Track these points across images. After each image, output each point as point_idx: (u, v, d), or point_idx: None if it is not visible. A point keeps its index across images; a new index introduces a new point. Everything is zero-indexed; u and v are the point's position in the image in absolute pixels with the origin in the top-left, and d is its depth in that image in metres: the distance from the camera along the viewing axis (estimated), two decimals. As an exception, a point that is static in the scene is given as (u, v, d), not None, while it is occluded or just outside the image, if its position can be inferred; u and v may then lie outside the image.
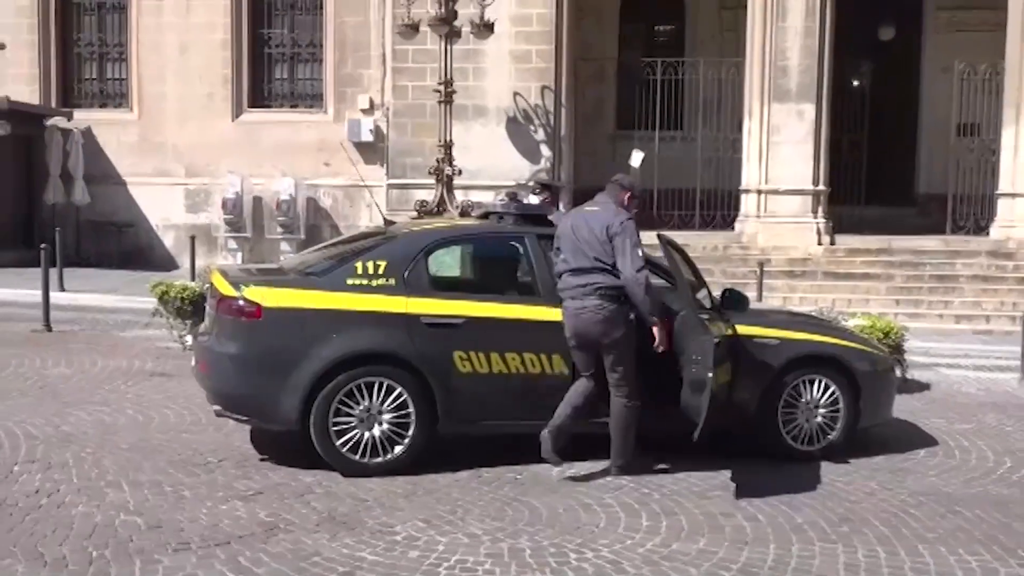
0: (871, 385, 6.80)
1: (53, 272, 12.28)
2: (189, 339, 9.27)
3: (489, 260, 7.00)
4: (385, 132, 16.63)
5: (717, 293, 6.69)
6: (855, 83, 19.02)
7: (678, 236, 15.28)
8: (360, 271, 6.09)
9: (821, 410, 6.66)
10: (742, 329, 6.43)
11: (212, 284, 6.43)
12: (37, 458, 6.07)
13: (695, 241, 15.56)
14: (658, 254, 6.29)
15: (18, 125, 16.59)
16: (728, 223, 15.95)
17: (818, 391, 6.64)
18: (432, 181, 14.52)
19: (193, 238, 15.81)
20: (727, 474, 6.21)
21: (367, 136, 16.96)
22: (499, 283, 6.69)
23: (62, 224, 16.10)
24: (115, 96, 18.26)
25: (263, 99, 17.92)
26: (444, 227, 7.00)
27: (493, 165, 15.47)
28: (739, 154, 15.91)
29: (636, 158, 16.36)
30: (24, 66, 17.80)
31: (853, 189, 17.71)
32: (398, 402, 5.95)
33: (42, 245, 11.77)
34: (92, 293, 13.85)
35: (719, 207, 16.16)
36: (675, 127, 16.73)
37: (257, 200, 17.35)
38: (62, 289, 13.34)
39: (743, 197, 15.72)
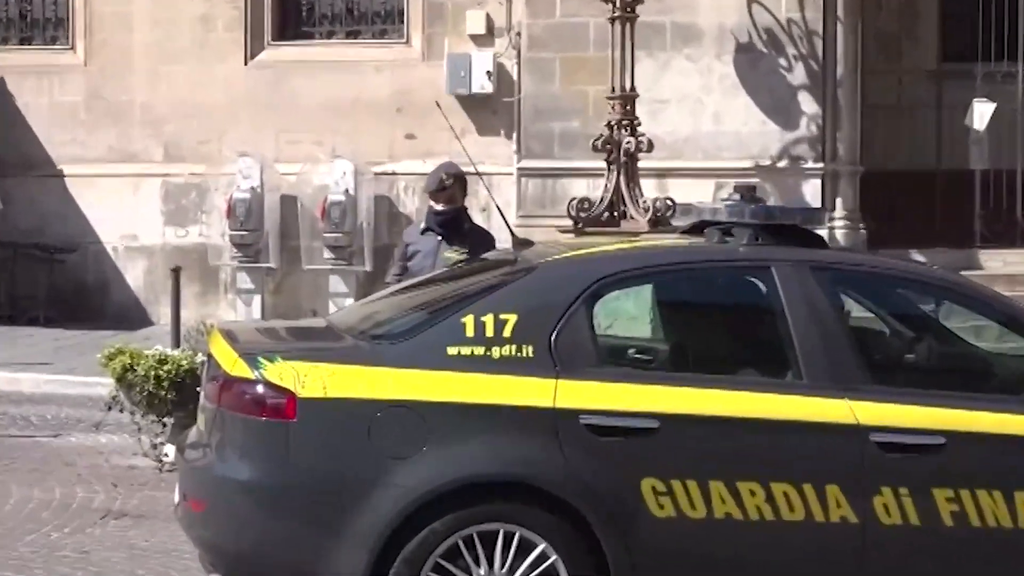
0: None
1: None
2: (170, 452, 9.52)
3: (706, 312, 7.04)
4: (515, 77, 16.83)
5: None
6: None
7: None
8: (471, 332, 6.15)
9: None
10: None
11: (211, 355, 6.58)
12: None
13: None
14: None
15: None
16: None
17: None
18: (599, 164, 14.59)
19: (177, 270, 16.06)
20: None
21: (481, 85, 17.20)
22: (725, 354, 6.79)
23: (-44, 249, 16.94)
24: (45, 26, 19.07)
25: (299, 24, 18.46)
26: (622, 252, 7.06)
27: (712, 133, 15.45)
28: None
29: (980, 113, 16.07)
30: None
31: None
32: (541, 568, 5.99)
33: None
34: (4, 370, 14.43)
35: None
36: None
37: (289, 201, 17.82)
38: (-46, 362, 14.01)
39: None
